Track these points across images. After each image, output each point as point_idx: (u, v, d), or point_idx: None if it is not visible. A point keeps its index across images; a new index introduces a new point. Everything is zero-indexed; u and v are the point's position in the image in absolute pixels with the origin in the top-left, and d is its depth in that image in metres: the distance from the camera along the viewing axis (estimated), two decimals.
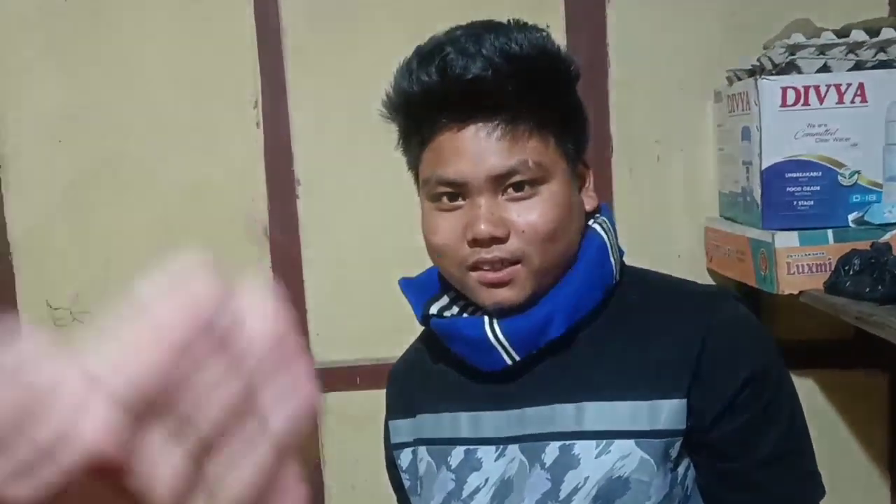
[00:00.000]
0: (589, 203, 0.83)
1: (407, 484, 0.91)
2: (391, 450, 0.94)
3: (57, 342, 0.20)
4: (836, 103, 1.22)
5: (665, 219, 1.52)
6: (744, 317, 0.79)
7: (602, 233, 0.82)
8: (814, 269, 1.19)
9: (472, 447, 0.83)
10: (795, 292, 1.19)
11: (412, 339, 0.99)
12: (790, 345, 1.51)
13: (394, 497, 0.99)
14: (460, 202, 0.78)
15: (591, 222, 0.84)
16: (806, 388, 1.51)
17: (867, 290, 1.06)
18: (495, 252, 0.76)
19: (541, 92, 0.75)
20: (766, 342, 0.79)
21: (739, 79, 1.36)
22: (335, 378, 1.55)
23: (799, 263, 1.19)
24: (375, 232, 1.52)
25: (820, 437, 0.81)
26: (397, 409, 0.94)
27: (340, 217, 1.54)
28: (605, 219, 0.84)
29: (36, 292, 1.56)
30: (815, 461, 0.79)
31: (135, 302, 0.23)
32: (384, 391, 0.98)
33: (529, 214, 0.76)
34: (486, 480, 0.81)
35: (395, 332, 0.99)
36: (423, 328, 0.91)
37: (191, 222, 1.54)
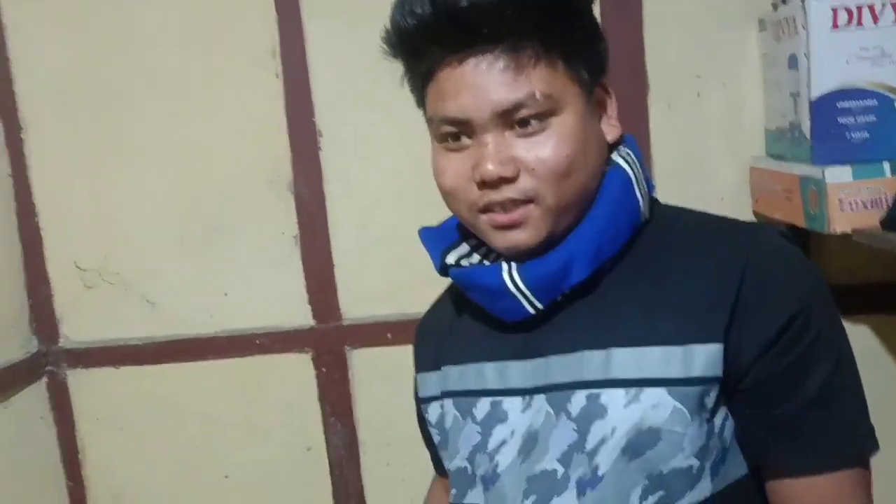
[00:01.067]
0: (611, 133, 0.77)
1: (437, 439, 0.88)
2: (420, 404, 0.92)
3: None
4: (893, 22, 1.13)
5: (707, 159, 1.44)
6: (785, 250, 0.72)
7: (626, 166, 0.76)
8: (868, 205, 1.11)
9: (497, 398, 0.79)
10: (848, 230, 1.12)
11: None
12: (843, 289, 1.42)
13: (429, 453, 0.97)
14: (467, 141, 0.73)
15: (613, 155, 0.78)
16: (861, 334, 1.44)
17: None
18: (505, 192, 0.71)
19: (544, 15, 0.69)
20: (810, 277, 0.72)
21: (785, 2, 1.26)
22: (366, 334, 1.53)
23: (852, 199, 1.11)
24: (402, 182, 1.48)
25: (878, 386, 0.76)
26: (425, 362, 0.91)
27: (365, 168, 1.49)
28: (630, 150, 0.78)
29: (63, 254, 1.56)
30: (866, 412, 0.72)
31: None
32: None
33: (540, 150, 0.70)
34: (513, 433, 0.77)
35: (426, 286, 0.95)
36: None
37: (213, 179, 1.51)
